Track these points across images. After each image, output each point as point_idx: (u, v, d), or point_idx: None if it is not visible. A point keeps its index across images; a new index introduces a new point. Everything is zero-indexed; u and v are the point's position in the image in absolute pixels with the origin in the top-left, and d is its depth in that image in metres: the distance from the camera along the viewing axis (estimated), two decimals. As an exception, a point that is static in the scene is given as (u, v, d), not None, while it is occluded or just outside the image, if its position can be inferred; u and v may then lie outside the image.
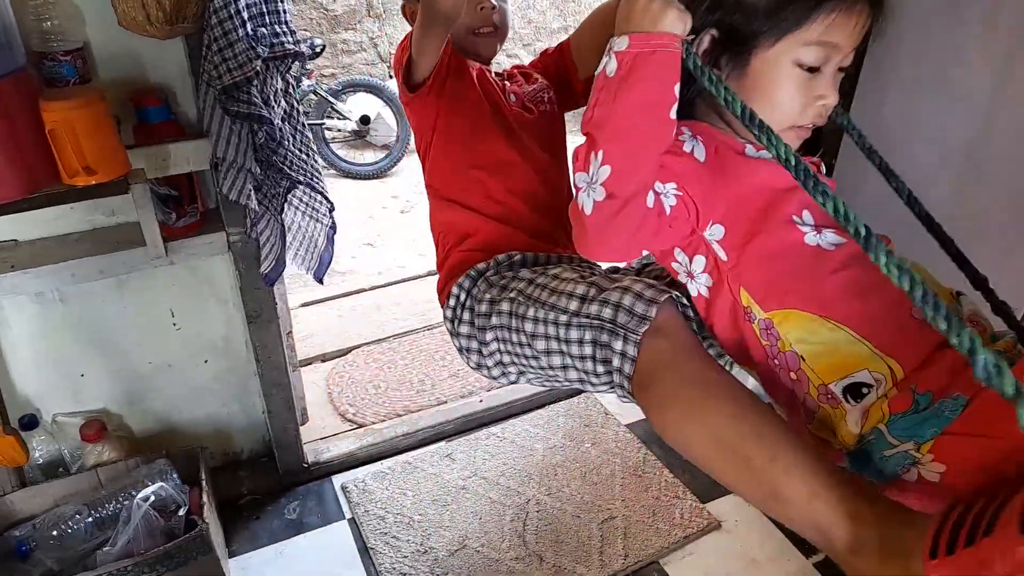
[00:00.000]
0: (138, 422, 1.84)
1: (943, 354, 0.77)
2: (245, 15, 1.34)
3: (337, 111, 4.05)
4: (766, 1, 0.80)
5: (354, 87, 4.08)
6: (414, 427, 2.20)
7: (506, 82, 1.30)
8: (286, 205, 1.57)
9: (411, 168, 4.06)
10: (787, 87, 0.83)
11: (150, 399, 1.83)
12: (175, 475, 1.66)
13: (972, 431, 0.71)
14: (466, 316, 1.13)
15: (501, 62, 3.45)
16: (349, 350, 2.53)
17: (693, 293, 0.93)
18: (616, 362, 0.85)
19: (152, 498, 1.54)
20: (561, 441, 2.18)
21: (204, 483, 1.66)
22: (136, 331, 1.73)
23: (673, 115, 0.79)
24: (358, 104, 4.11)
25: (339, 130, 4.16)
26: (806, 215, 0.84)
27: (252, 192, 1.52)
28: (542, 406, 2.31)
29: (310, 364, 2.46)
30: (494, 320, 1.05)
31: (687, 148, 0.85)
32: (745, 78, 0.85)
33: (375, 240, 3.42)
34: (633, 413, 2.27)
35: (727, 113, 0.87)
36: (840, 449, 0.83)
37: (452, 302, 1.16)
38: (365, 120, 4.07)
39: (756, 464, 0.72)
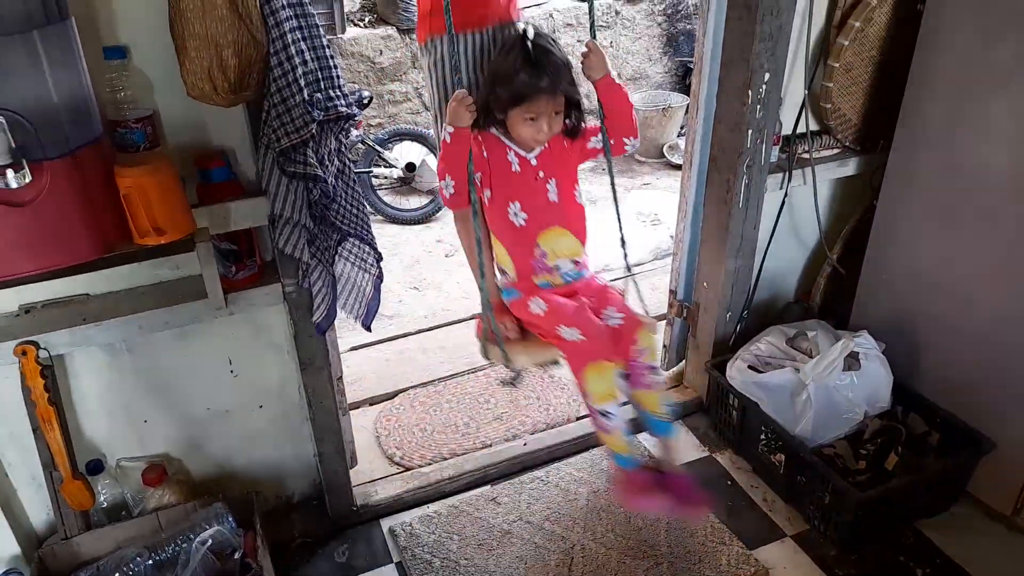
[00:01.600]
0: (196, 466, 1.91)
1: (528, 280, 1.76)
2: (302, 82, 1.43)
3: (384, 159, 4.17)
4: (506, 93, 1.59)
5: (400, 136, 4.20)
6: (459, 471, 2.23)
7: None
8: (336, 256, 1.64)
9: (455, 213, 4.16)
10: (522, 128, 1.64)
11: (208, 444, 1.90)
12: (231, 518, 1.71)
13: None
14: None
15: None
16: (396, 393, 2.59)
17: None
18: None
19: (209, 541, 1.60)
20: (605, 485, 2.18)
21: (258, 527, 1.71)
22: (196, 379, 1.81)
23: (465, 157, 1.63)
24: (404, 152, 4.22)
25: (385, 177, 4.28)
26: (514, 203, 1.70)
27: (306, 246, 1.60)
28: (586, 449, 2.32)
29: (358, 408, 2.52)
30: None
31: (482, 150, 1.68)
32: (508, 118, 1.64)
33: (420, 284, 3.49)
34: (679, 456, 2.26)
35: (507, 125, 1.67)
36: None
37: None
38: (411, 167, 4.18)
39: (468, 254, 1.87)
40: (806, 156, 2.18)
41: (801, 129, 2.15)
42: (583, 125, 1.73)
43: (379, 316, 1.88)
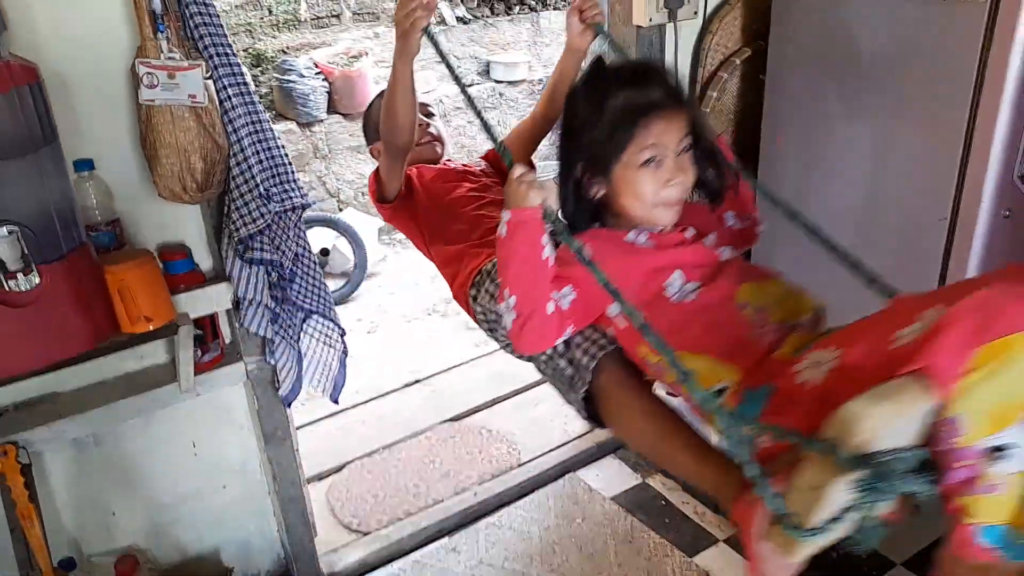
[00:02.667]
0: (165, 554, 1.95)
1: (764, 361, 1.09)
2: (259, 179, 1.61)
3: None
4: (602, 134, 1.15)
5: (310, 223, 4.36)
6: (417, 527, 2.35)
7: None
8: (302, 333, 1.80)
9: (370, 291, 4.31)
10: (641, 182, 1.17)
11: (175, 530, 1.95)
12: (209, 597, 1.78)
13: (774, 414, 1.01)
14: (483, 294, 1.50)
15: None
16: (343, 466, 2.69)
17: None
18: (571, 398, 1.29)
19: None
20: (555, 521, 2.36)
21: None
22: (161, 464, 1.88)
23: (544, 257, 1.14)
24: (315, 238, 4.38)
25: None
26: (675, 278, 1.17)
27: (269, 324, 1.75)
28: (532, 491, 2.49)
29: (309, 483, 2.59)
30: None
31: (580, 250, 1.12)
32: (613, 184, 1.20)
33: (348, 362, 3.60)
34: (615, 486, 2.48)
35: (615, 206, 1.23)
36: None
37: (472, 291, 1.54)
38: (324, 252, 4.33)
39: (666, 447, 1.16)
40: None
41: (683, 184, 2.49)
42: (725, 182, 1.26)
43: (313, 396, 1.99)
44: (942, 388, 0.78)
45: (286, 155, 1.67)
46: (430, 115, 1.93)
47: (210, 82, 1.50)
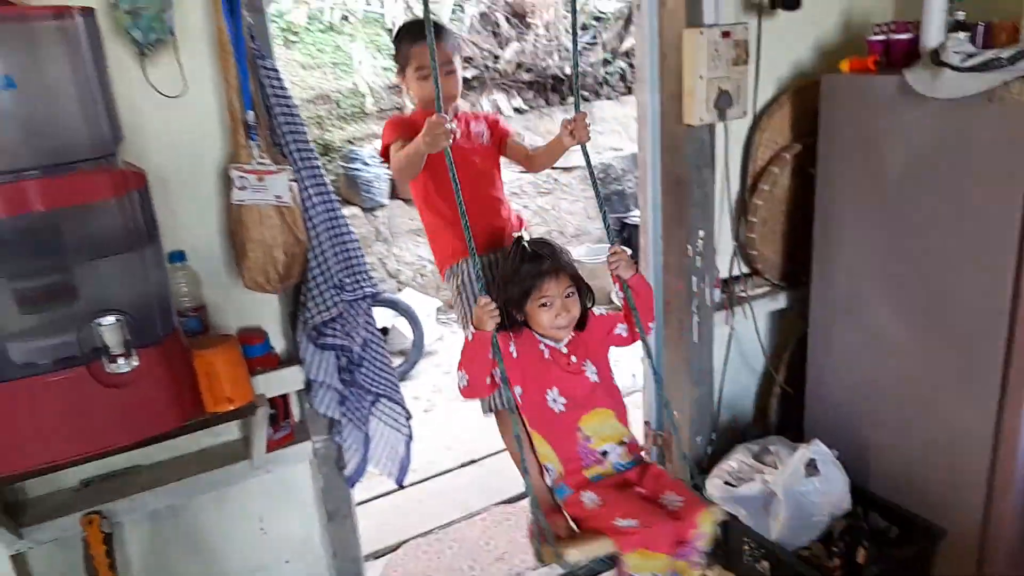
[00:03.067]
0: (229, 628, 2.01)
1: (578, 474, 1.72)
2: (333, 270, 1.74)
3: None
4: (516, 289, 1.72)
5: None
6: (470, 611, 2.35)
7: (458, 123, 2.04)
8: (370, 415, 1.89)
9: (428, 371, 4.41)
10: (540, 316, 1.73)
11: (239, 604, 2.01)
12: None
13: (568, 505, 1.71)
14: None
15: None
16: (399, 545, 2.72)
17: None
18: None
19: None
20: (608, 609, 2.34)
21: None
22: (231, 538, 1.96)
23: (488, 357, 1.64)
24: (376, 317, 4.55)
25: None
26: (554, 392, 1.73)
27: (337, 405, 1.84)
28: (586, 578, 2.47)
29: (365, 561, 2.63)
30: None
31: (511, 350, 1.72)
32: (526, 314, 1.75)
33: (419, 435, 3.66)
34: None
35: (531, 325, 1.76)
36: None
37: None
38: (384, 331, 4.48)
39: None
40: (743, 295, 2.57)
41: (735, 273, 2.55)
42: (592, 309, 1.82)
43: (371, 474, 2.07)
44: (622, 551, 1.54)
45: (359, 247, 1.80)
46: (451, 74, 2.02)
47: (294, 183, 1.65)
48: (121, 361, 1.33)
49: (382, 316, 4.55)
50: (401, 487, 2.08)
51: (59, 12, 1.33)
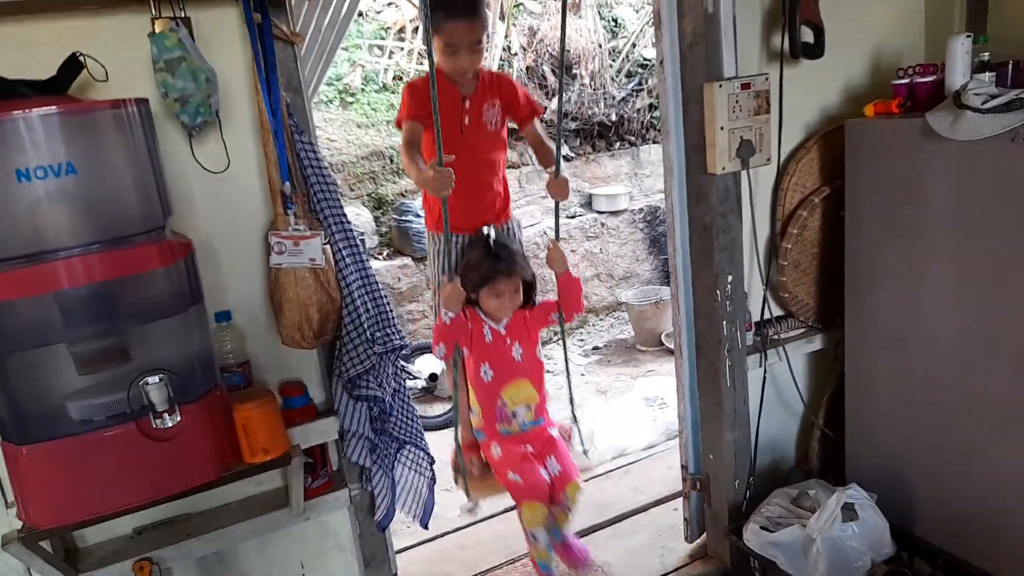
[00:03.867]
0: (277, 672, 2.09)
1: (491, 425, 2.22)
2: (365, 326, 1.85)
3: (409, 372, 4.59)
4: (476, 279, 2.09)
5: (421, 350, 4.66)
6: (511, 659, 2.38)
7: (468, 103, 2.17)
8: (396, 462, 1.97)
9: (476, 415, 4.49)
10: (490, 302, 2.15)
11: (284, 648, 2.10)
12: None
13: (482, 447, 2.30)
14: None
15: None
16: (441, 590, 2.77)
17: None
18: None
19: None
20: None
21: None
22: (274, 584, 2.06)
23: (458, 335, 2.09)
24: (425, 364, 4.66)
25: (411, 388, 4.68)
26: (487, 367, 2.16)
27: (368, 454, 1.94)
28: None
29: (408, 607, 2.69)
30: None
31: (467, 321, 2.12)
32: (480, 296, 2.14)
33: (451, 485, 3.73)
34: None
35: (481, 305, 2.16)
36: None
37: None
38: (433, 377, 4.59)
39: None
40: (776, 337, 2.57)
41: (767, 316, 2.56)
42: (536, 298, 2.25)
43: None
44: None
45: (388, 303, 1.91)
46: (478, 52, 2.10)
47: (327, 247, 1.78)
48: (166, 417, 1.46)
49: (432, 362, 4.67)
50: (427, 529, 2.17)
51: (116, 104, 1.49)
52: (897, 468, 2.43)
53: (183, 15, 1.63)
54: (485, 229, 2.17)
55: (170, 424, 1.47)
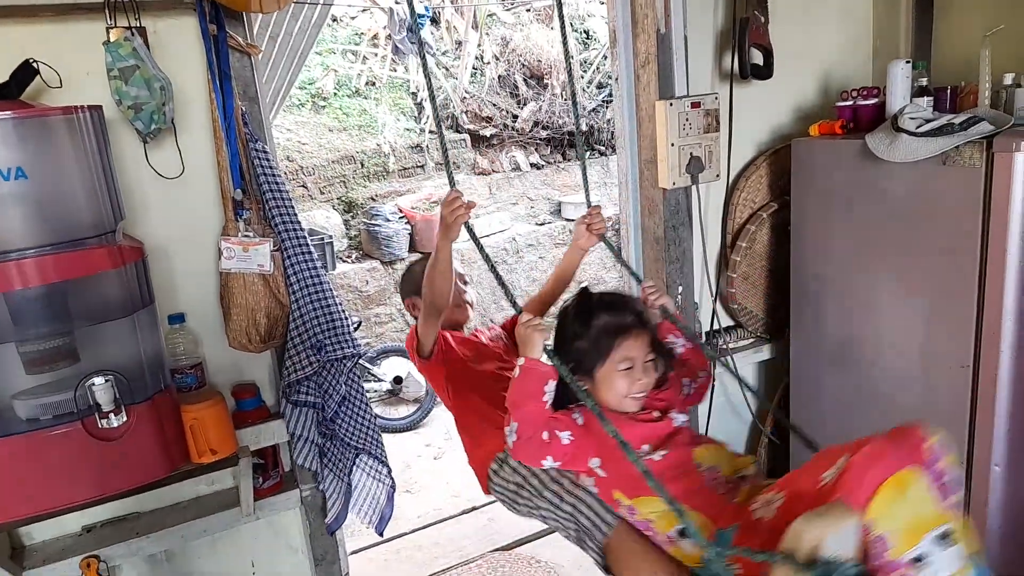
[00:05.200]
0: (220, 670, 2.12)
1: (726, 508, 1.35)
2: (310, 333, 1.89)
3: (373, 375, 4.62)
4: (587, 350, 1.48)
5: (387, 352, 4.70)
6: (458, 658, 2.43)
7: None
8: (354, 467, 2.01)
9: (439, 418, 4.53)
10: (617, 383, 1.48)
11: (230, 647, 2.13)
12: None
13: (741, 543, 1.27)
14: (500, 479, 1.70)
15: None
16: (395, 591, 2.81)
17: None
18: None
19: None
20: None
21: None
22: (223, 582, 2.09)
23: (544, 399, 1.44)
24: (391, 367, 4.70)
25: (375, 391, 4.71)
26: (645, 447, 1.46)
27: (317, 458, 1.98)
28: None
29: (362, 607, 2.73)
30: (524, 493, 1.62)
31: (575, 417, 1.48)
32: (595, 382, 1.50)
33: (412, 487, 3.78)
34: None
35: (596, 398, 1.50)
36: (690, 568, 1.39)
37: (494, 466, 1.72)
38: (398, 380, 4.63)
39: None
40: (725, 347, 2.65)
41: (716, 327, 2.64)
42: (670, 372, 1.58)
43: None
44: (858, 508, 1.09)
45: (342, 311, 1.95)
46: (465, 283, 2.08)
47: (277, 253, 1.82)
48: (112, 417, 1.49)
49: (398, 365, 4.70)
50: (381, 536, 2.19)
51: (68, 110, 1.53)
52: (837, 475, 2.51)
53: (139, 24, 1.67)
54: (578, 286, 1.68)
55: (116, 424, 1.50)
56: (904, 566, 1.08)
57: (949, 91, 2.28)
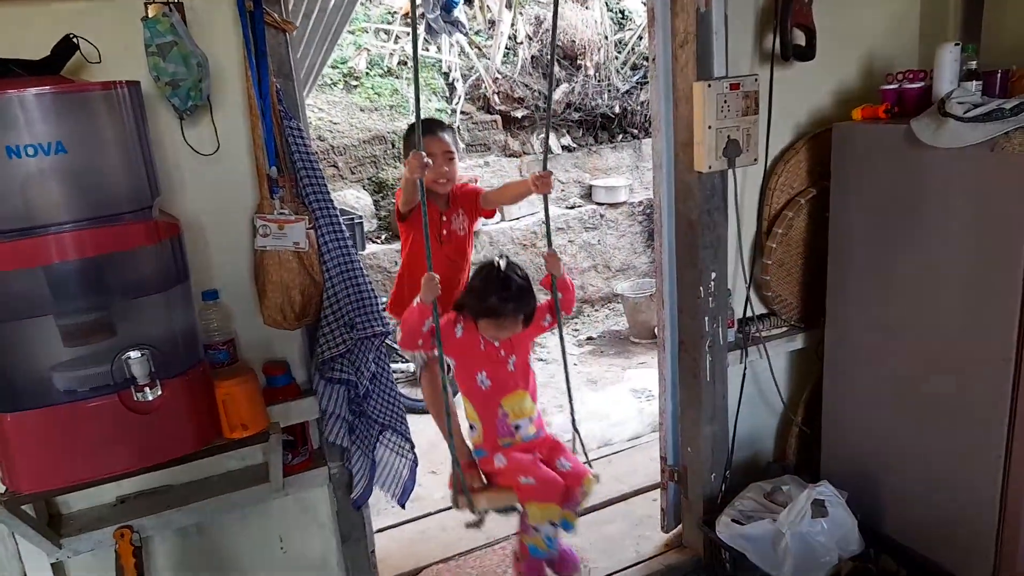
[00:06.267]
0: (250, 643, 2.16)
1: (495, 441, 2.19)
2: (344, 311, 1.90)
3: (401, 355, 4.65)
4: (479, 307, 2.06)
5: (415, 334, 4.73)
6: (484, 638, 2.44)
7: (444, 218, 2.46)
8: (378, 443, 2.02)
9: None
10: (488, 330, 2.09)
11: (259, 619, 2.16)
12: None
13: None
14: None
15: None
16: (420, 570, 2.83)
17: None
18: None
19: None
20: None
21: None
22: (252, 556, 2.12)
23: (424, 328, 1.98)
24: (418, 348, 4.73)
25: (402, 372, 4.73)
26: (482, 375, 2.13)
27: (347, 434, 1.99)
28: (597, 611, 2.53)
29: (387, 584, 2.75)
30: None
31: (457, 327, 2.12)
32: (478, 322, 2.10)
33: (438, 468, 3.79)
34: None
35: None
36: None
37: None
38: (425, 361, 4.66)
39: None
40: (758, 335, 2.61)
41: (749, 314, 2.59)
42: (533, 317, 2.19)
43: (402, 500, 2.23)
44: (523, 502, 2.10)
45: (372, 290, 1.95)
46: (451, 159, 2.41)
47: (311, 231, 1.82)
48: (147, 390, 1.51)
49: (426, 347, 4.72)
50: (403, 508, 2.23)
51: (107, 86, 1.53)
52: (869, 467, 2.47)
53: (176, 1, 1.67)
54: (496, 258, 2.13)
55: (151, 397, 1.52)
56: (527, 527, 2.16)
57: (999, 75, 2.19)
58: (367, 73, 5.77)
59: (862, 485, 2.45)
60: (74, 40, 1.54)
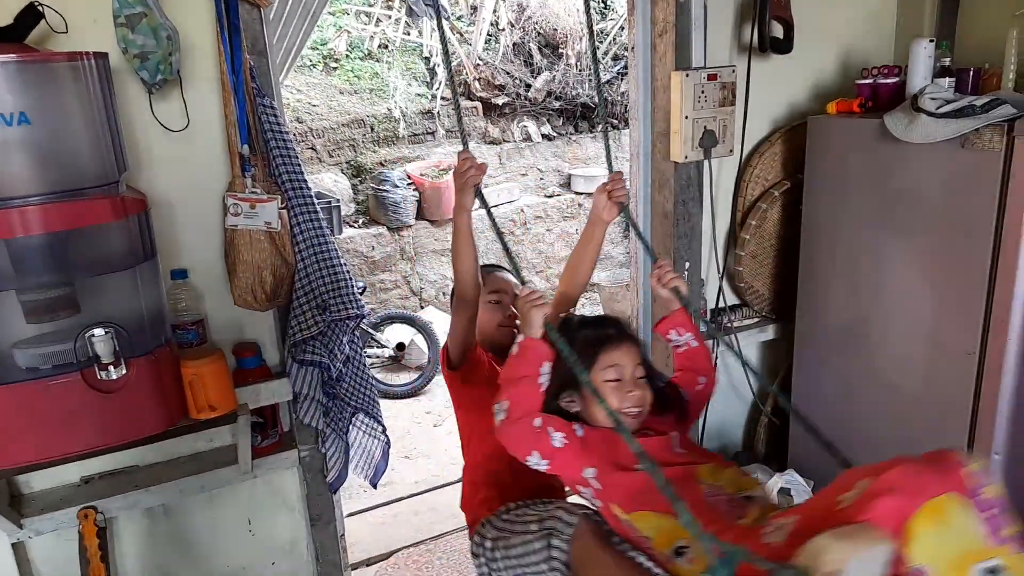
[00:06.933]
0: (215, 623, 2.15)
1: (731, 527, 1.23)
2: (316, 293, 1.88)
3: (376, 340, 4.62)
4: (571, 362, 1.35)
5: (391, 319, 4.69)
6: (451, 621, 2.45)
7: None
8: (351, 426, 2.02)
9: (441, 386, 4.53)
10: (607, 396, 1.40)
11: (226, 600, 2.15)
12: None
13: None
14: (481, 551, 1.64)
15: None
16: (391, 554, 2.83)
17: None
18: (556, 554, 1.35)
19: None
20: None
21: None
22: (220, 539, 2.10)
23: (540, 381, 1.39)
24: (394, 333, 4.70)
25: (378, 356, 4.71)
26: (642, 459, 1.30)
27: (321, 416, 1.98)
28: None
29: (356, 568, 2.75)
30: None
31: (575, 428, 1.41)
32: (585, 399, 1.44)
33: (411, 453, 3.80)
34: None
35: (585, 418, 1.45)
36: None
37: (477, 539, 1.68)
38: (400, 346, 4.63)
39: None
40: (730, 325, 2.63)
41: (722, 304, 2.61)
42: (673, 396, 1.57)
43: (372, 484, 2.21)
44: (890, 534, 0.97)
45: (347, 272, 1.94)
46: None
47: (283, 211, 1.80)
48: (111, 369, 1.49)
49: (401, 332, 4.70)
50: (375, 489, 2.21)
51: (72, 56, 1.50)
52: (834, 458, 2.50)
53: (147, -29, 1.63)
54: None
55: (115, 376, 1.49)
56: None
57: (972, 72, 2.23)
58: (347, 55, 5.70)
59: (829, 475, 2.48)
60: (39, 8, 1.50)
